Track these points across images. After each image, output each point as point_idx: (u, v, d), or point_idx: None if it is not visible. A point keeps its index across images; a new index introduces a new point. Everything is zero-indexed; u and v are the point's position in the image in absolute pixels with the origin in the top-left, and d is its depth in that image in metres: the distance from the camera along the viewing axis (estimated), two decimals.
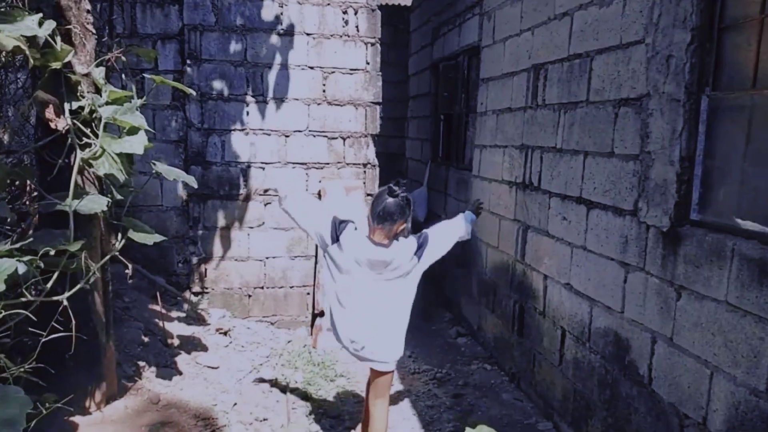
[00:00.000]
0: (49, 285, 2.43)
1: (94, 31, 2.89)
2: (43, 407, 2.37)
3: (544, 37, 3.66)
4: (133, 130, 2.70)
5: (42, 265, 2.36)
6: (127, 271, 3.11)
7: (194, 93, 4.23)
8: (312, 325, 4.86)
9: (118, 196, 2.97)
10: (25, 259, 2.24)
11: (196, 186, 3.14)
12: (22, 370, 2.24)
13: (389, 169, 7.70)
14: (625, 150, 2.81)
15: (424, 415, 3.68)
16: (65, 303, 2.51)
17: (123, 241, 2.81)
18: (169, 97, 4.67)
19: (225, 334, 4.42)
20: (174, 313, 4.55)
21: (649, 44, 2.62)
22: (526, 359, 3.92)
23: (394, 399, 3.80)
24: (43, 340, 2.35)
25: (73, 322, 2.51)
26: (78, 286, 2.54)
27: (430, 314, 5.56)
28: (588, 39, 3.15)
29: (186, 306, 4.67)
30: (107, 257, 2.83)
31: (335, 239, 2.75)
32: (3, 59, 3.09)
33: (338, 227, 2.76)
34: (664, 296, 2.53)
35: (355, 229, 2.78)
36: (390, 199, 2.68)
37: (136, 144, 2.67)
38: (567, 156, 3.37)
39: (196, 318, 4.61)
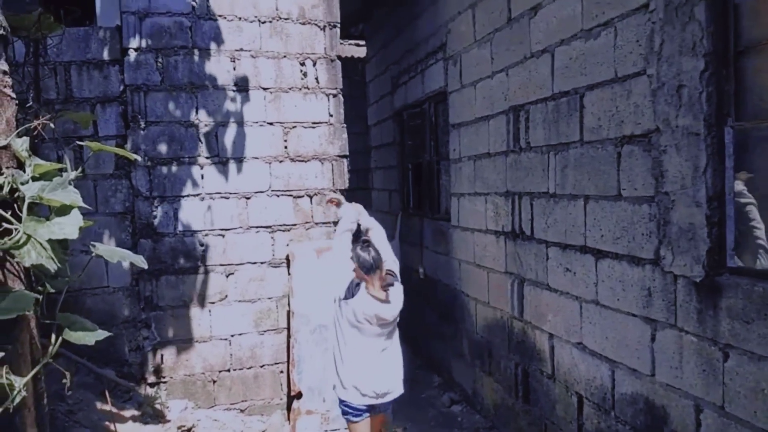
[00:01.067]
0: None
1: (14, 95, 2.44)
2: None
3: (522, 77, 3.44)
4: (65, 210, 2.23)
5: None
6: (64, 380, 2.55)
7: (140, 158, 3.79)
8: (289, 409, 4.30)
9: (51, 289, 2.46)
10: None
11: (145, 266, 2.65)
12: None
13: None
14: (635, 192, 2.53)
15: None
16: None
17: (57, 345, 2.28)
18: (112, 165, 4.19)
19: (188, 431, 3.81)
20: (127, 411, 3.93)
21: (652, 75, 2.38)
22: (536, 429, 3.50)
23: None
24: None
25: None
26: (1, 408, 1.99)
27: (417, 380, 5.08)
28: (575, 75, 2.92)
29: (141, 400, 4.05)
30: (38, 367, 2.28)
31: (350, 296, 2.97)
32: None
33: (354, 288, 2.98)
34: (706, 357, 2.19)
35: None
36: (371, 251, 2.91)
37: (69, 226, 2.19)
38: (563, 201, 3.07)
39: (153, 414, 3.99)
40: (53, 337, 2.35)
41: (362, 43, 7.95)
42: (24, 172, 2.27)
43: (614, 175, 2.65)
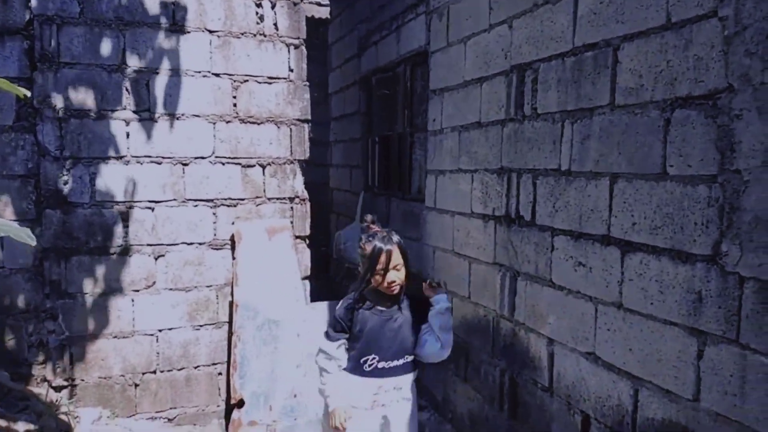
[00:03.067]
0: None
1: None
2: None
3: (531, 29, 2.84)
4: None
5: None
6: None
7: (28, 93, 2.96)
8: (227, 418, 3.61)
9: None
10: None
11: (33, 243, 1.92)
12: None
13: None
14: (689, 169, 1.98)
15: None
16: None
17: None
18: (13, 115, 3.34)
19: None
20: (22, 424, 3.14)
21: (727, 17, 1.82)
22: None
23: None
24: None
25: None
26: None
27: None
28: (607, 23, 2.34)
29: (42, 410, 3.26)
30: None
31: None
32: None
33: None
34: None
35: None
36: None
37: None
38: (580, 180, 2.51)
39: (56, 426, 3.22)
40: None
41: (324, 1, 7.17)
42: None
43: (658, 148, 2.10)
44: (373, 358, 2.35)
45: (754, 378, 1.77)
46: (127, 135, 3.49)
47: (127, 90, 3.49)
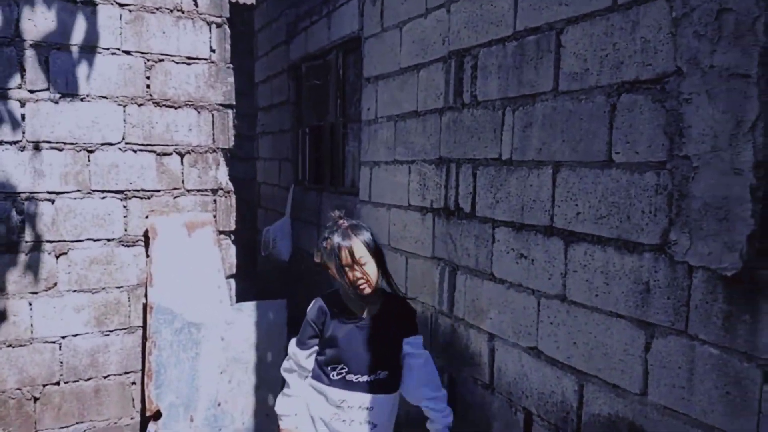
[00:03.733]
0: None
1: None
2: None
3: (470, 13, 2.73)
4: None
5: None
6: None
7: None
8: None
9: None
10: None
11: None
12: None
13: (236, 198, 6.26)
14: (636, 156, 1.92)
15: None
16: None
17: None
18: None
19: None
20: None
21: None
22: None
23: None
24: None
25: None
26: None
27: None
28: (550, 6, 2.25)
29: None
30: None
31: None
32: None
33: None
34: (733, 376, 1.64)
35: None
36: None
37: None
38: (521, 170, 2.42)
39: None
40: None
41: None
42: None
43: (604, 135, 2.03)
44: (342, 368, 2.04)
45: (702, 369, 1.73)
46: (23, 117, 3.06)
47: (22, 65, 3.05)
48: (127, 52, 3.28)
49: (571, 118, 2.17)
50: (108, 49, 3.24)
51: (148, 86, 3.34)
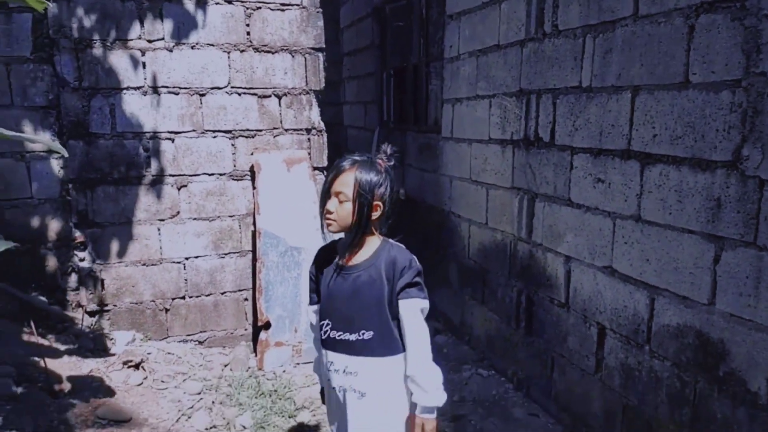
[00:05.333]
0: None
1: None
2: None
3: None
4: None
5: None
6: None
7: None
8: (255, 340, 3.78)
9: None
10: None
11: (66, 154, 1.97)
12: None
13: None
14: (712, 76, 1.97)
15: None
16: None
17: None
18: (30, 46, 3.34)
19: (137, 366, 3.24)
20: (62, 345, 3.31)
21: None
22: (539, 363, 3.10)
23: None
24: None
25: None
26: None
27: None
28: None
29: (79, 332, 3.44)
30: None
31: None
32: None
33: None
34: None
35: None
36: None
37: None
38: (601, 96, 2.50)
39: (94, 347, 3.40)
40: None
41: None
42: None
43: (682, 57, 2.08)
44: (327, 324, 1.76)
45: None
46: (144, 65, 3.49)
47: (140, 18, 3.46)
48: (229, 2, 3.60)
49: (650, 42, 2.22)
50: None
51: (248, 33, 3.66)
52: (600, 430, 2.65)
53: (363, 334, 1.70)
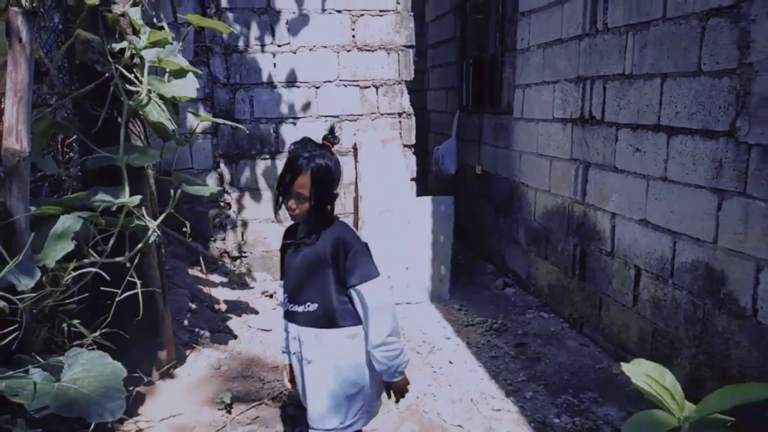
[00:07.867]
0: (109, 245, 2.24)
1: None
2: None
3: None
4: (181, 73, 2.46)
5: (103, 222, 2.16)
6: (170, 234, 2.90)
7: (234, 30, 3.91)
8: None
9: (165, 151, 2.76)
10: (86, 215, 2.04)
11: (246, 131, 2.91)
12: (97, 335, 2.06)
13: None
14: (717, 66, 2.57)
15: (489, 366, 3.53)
16: (128, 265, 2.32)
17: (178, 196, 2.59)
18: (191, 52, 4.39)
19: (270, 296, 4.25)
20: (216, 279, 4.39)
21: None
22: (589, 304, 3.76)
23: (456, 352, 3.66)
24: (116, 300, 2.16)
25: (139, 285, 2.32)
26: (140, 246, 2.35)
27: (471, 268, 5.39)
28: None
29: (229, 269, 4.50)
30: (165, 213, 2.62)
31: None
32: None
33: None
34: None
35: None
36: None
37: (188, 87, 2.43)
38: (639, 82, 3.12)
39: (239, 282, 4.45)
40: (172, 191, 2.67)
41: None
42: (139, 38, 2.49)
43: (695, 51, 2.68)
44: (286, 296, 1.91)
45: (753, 218, 2.43)
46: (274, 65, 4.45)
47: (272, 28, 4.41)
48: (339, 11, 4.47)
49: (674, 38, 2.82)
50: (325, 10, 4.46)
51: (353, 36, 4.52)
52: (635, 351, 3.30)
53: (308, 306, 1.82)
